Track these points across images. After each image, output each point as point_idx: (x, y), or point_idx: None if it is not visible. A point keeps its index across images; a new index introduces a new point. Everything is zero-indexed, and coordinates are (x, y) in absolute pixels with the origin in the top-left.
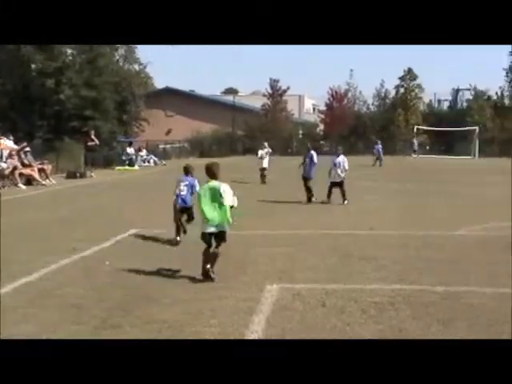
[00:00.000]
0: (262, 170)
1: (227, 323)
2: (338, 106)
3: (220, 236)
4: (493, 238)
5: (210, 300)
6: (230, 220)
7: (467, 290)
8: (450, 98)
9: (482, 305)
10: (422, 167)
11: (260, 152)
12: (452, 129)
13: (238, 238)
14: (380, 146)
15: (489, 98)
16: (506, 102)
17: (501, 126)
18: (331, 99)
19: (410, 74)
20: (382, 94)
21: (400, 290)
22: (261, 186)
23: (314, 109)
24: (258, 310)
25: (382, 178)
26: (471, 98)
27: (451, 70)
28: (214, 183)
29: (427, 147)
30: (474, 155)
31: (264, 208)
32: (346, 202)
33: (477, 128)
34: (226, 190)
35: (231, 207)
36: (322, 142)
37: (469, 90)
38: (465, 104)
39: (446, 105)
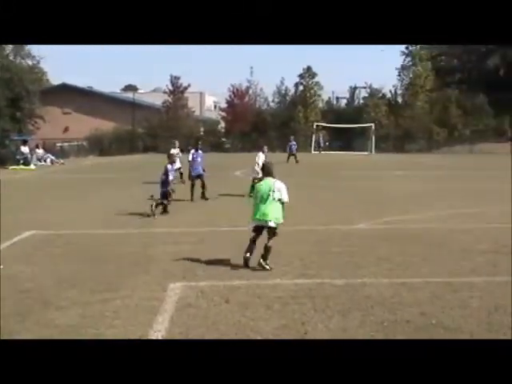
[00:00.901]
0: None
1: (130, 324)
2: (239, 103)
3: (272, 231)
4: (391, 232)
5: (111, 301)
6: (281, 217)
7: (365, 282)
8: (348, 95)
9: (378, 295)
10: (324, 163)
11: (172, 151)
12: (350, 125)
13: (140, 236)
14: (294, 142)
15: (383, 95)
16: (399, 99)
17: (395, 122)
18: (232, 96)
19: (309, 72)
20: (283, 92)
21: (302, 284)
22: None
23: (215, 106)
24: (162, 309)
25: (287, 174)
26: (367, 95)
27: (348, 69)
28: (269, 180)
29: (327, 143)
30: (371, 151)
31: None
32: None
33: (372, 125)
34: (281, 187)
35: (283, 204)
36: (223, 139)
37: (365, 88)
38: (361, 101)
39: (343, 102)
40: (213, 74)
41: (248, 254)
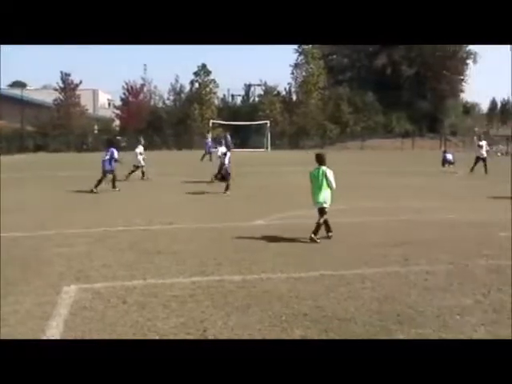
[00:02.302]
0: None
1: (20, 331)
2: (133, 101)
3: (322, 211)
4: (287, 227)
5: None
6: (330, 200)
7: (263, 278)
8: (243, 93)
9: (275, 290)
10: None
11: (139, 148)
12: (245, 123)
13: (30, 239)
14: (209, 140)
15: (278, 93)
16: (294, 97)
17: (290, 119)
18: (126, 94)
19: (204, 70)
20: (178, 89)
21: (200, 282)
22: (57, 185)
23: (109, 103)
24: (55, 314)
25: (179, 173)
26: (262, 93)
27: (244, 67)
28: (322, 168)
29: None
30: (267, 148)
31: (61, 206)
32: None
33: (268, 122)
34: (331, 174)
35: (331, 188)
36: (118, 137)
37: (260, 85)
38: (257, 99)
39: (239, 100)
40: (106, 71)
41: (330, 234)
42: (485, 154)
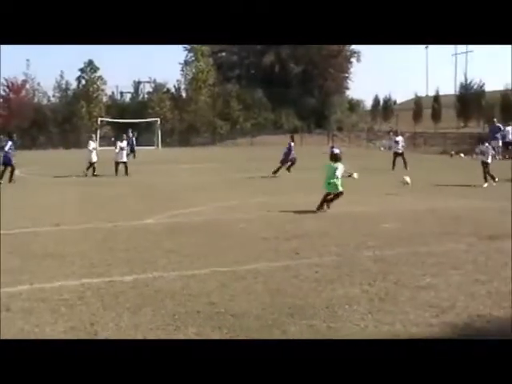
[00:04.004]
0: None
1: None
2: (15, 98)
3: (338, 194)
4: (178, 225)
5: None
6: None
7: (155, 276)
8: (132, 90)
9: (168, 289)
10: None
11: (92, 145)
12: (135, 120)
13: None
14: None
15: (168, 90)
16: (184, 94)
17: (180, 117)
18: (7, 90)
19: (90, 66)
20: (63, 86)
21: (89, 284)
22: None
23: None
24: None
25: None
26: (151, 90)
27: (131, 63)
28: (337, 164)
29: (112, 139)
30: (158, 146)
31: None
32: None
33: (158, 119)
34: (340, 168)
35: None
36: None
37: (149, 82)
38: (146, 96)
39: (128, 97)
40: None
41: (326, 207)
42: (401, 150)
